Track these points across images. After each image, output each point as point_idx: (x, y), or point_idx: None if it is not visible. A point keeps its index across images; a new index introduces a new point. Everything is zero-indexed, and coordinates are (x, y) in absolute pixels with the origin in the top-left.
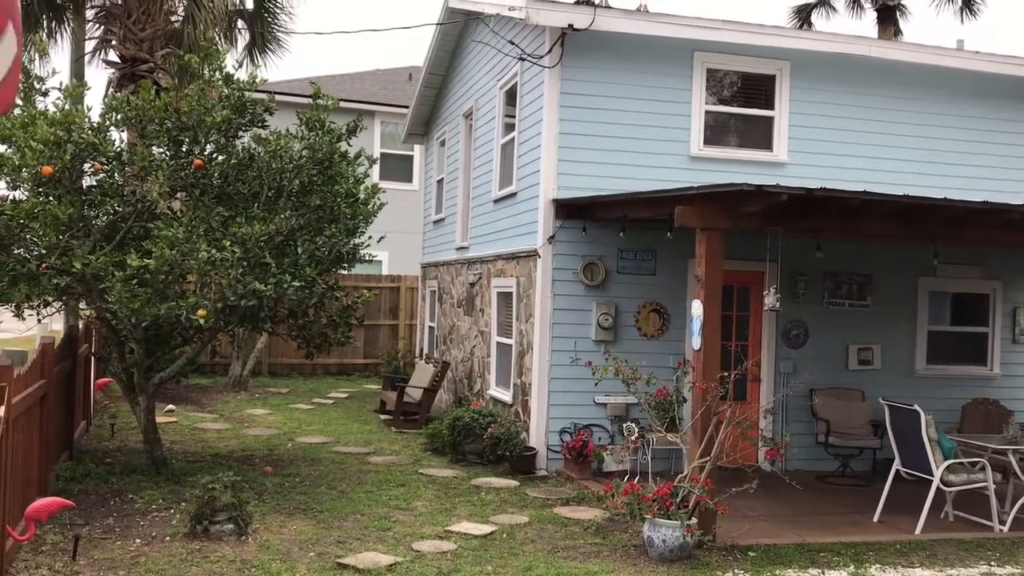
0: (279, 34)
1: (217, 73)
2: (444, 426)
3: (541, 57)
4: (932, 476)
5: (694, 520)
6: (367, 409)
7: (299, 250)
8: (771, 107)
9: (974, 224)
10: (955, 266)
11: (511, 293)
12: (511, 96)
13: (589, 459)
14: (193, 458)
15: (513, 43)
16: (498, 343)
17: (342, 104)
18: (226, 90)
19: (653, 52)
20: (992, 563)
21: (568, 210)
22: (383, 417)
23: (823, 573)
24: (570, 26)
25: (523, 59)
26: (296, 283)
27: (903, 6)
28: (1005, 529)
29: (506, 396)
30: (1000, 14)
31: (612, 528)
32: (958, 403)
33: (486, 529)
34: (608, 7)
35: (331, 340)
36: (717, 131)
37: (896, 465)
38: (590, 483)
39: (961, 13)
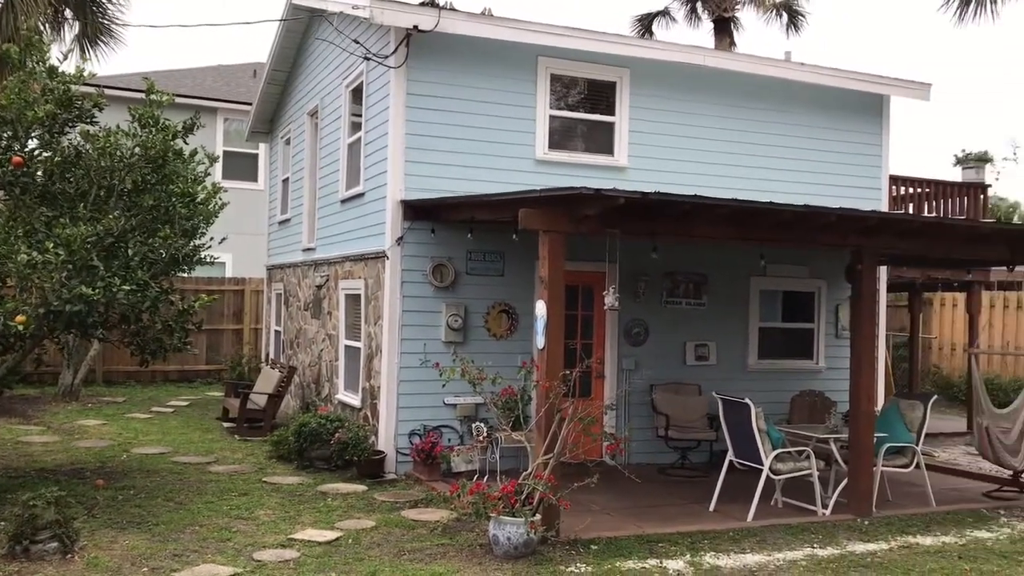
0: (112, 25)
1: (40, 65)
2: (290, 432)
3: (387, 57)
4: (762, 465)
5: (538, 517)
6: (209, 417)
7: (130, 252)
8: (612, 113)
9: (798, 227)
10: (784, 266)
11: (359, 295)
12: (357, 95)
13: (438, 461)
14: (15, 474)
15: (358, 42)
16: (346, 346)
17: (182, 100)
18: (51, 83)
19: (499, 56)
20: (815, 545)
21: (416, 211)
22: (226, 425)
23: (661, 563)
24: (415, 27)
25: (368, 58)
26: (126, 287)
27: (737, 19)
28: (827, 513)
29: (355, 400)
30: (833, 30)
31: (459, 529)
32: (787, 395)
33: (331, 535)
34: (453, 9)
35: (167, 346)
36: (562, 135)
37: (730, 456)
38: (439, 485)
39: (787, 28)
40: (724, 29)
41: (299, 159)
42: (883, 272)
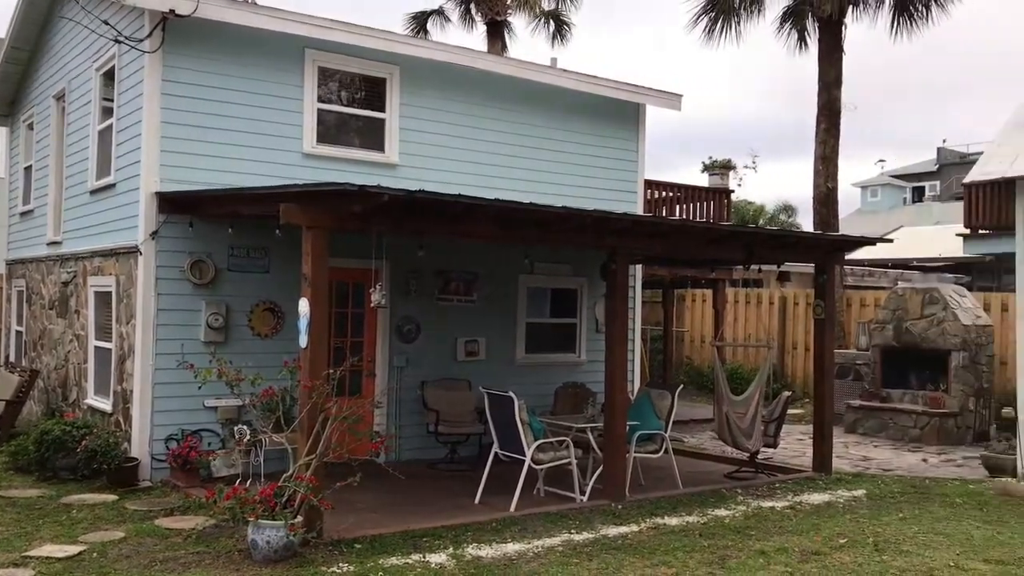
0: None
1: None
2: (30, 441)
3: (141, 41)
4: (525, 456)
5: (299, 518)
6: None
7: None
8: (383, 109)
9: (558, 228)
10: (550, 264)
11: (110, 293)
12: (109, 79)
13: (196, 466)
14: None
15: (108, 23)
16: (96, 348)
17: None
18: None
19: (265, 45)
20: (572, 531)
21: (173, 204)
22: None
23: (424, 557)
24: (172, 11)
25: (120, 41)
26: None
27: (509, 23)
28: (585, 499)
29: (106, 405)
30: (603, 42)
31: (218, 535)
32: (553, 387)
33: (73, 550)
34: None
35: None
36: (332, 130)
37: (495, 448)
38: (198, 491)
39: (554, 37)
40: (497, 33)
41: (44, 145)
42: (639, 270)
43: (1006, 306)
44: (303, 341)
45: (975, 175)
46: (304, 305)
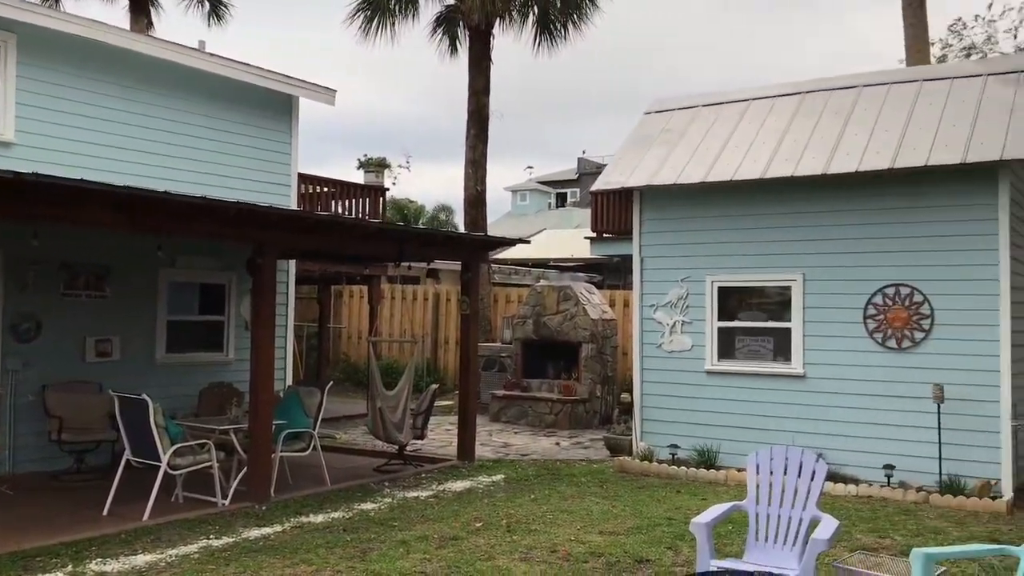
0: None
1: None
2: None
3: None
4: (160, 462)
5: None
6: None
7: None
8: None
9: (199, 219)
10: (196, 257)
11: None
12: None
13: None
14: None
15: None
16: None
17: None
18: None
19: None
20: (211, 536)
21: None
22: None
23: None
24: None
25: None
26: None
27: (156, 1)
28: (227, 503)
29: None
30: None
31: None
32: (199, 388)
33: None
34: None
35: None
36: None
37: (127, 455)
38: None
39: (209, 17)
40: (141, 8)
41: None
42: (292, 266)
43: (628, 302)
44: None
45: (599, 184)
46: None
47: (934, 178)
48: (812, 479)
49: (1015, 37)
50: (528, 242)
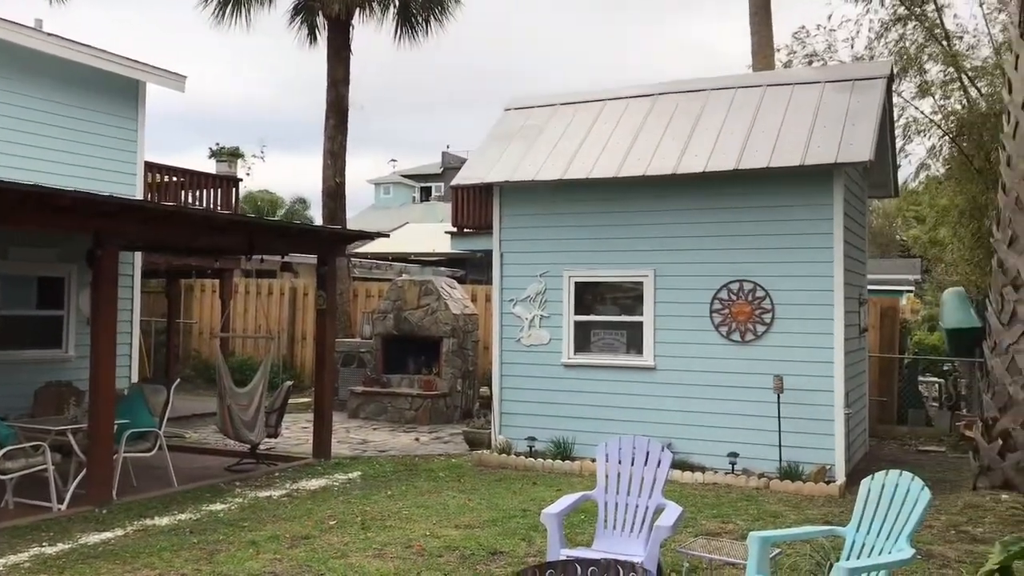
0: None
1: None
2: None
3: None
4: None
5: None
6: None
7: None
8: None
9: (29, 208)
10: (30, 249)
11: None
12: None
13: None
14: None
15: None
16: None
17: None
18: None
19: None
20: (45, 543)
21: None
22: None
23: None
24: None
25: None
26: None
27: None
28: (64, 507)
29: None
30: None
31: None
32: (33, 388)
33: None
34: None
35: None
36: None
37: None
38: None
39: None
40: None
41: None
42: (138, 258)
43: (489, 297)
44: None
45: (460, 179)
46: None
47: (776, 179)
48: (658, 468)
49: (851, 47)
50: (388, 236)
